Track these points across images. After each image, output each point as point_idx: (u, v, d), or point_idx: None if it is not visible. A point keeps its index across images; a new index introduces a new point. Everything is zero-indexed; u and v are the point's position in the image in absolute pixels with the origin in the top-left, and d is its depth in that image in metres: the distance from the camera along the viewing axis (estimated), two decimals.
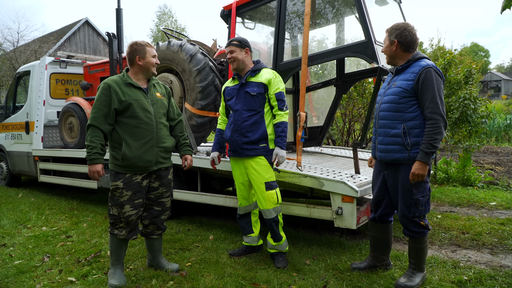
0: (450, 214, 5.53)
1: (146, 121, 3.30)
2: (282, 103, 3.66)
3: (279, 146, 3.61)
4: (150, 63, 3.37)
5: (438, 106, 2.90)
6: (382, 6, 4.85)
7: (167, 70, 5.55)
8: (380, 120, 3.20)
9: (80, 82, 7.99)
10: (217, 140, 4.04)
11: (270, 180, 3.70)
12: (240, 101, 3.73)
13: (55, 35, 26.60)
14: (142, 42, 3.40)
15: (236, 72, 3.82)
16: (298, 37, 5.67)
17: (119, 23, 6.81)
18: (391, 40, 3.11)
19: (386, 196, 3.32)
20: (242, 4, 4.92)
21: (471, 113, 7.36)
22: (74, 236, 4.82)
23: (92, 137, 3.17)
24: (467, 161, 7.82)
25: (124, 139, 3.25)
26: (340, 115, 8.76)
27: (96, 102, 3.22)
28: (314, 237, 4.62)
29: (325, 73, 7.89)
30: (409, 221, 3.13)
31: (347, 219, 3.72)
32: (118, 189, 3.27)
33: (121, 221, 3.30)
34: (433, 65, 2.98)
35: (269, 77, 3.67)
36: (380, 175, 3.33)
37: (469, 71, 7.70)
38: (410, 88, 2.99)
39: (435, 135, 2.89)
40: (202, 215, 5.80)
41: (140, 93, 3.34)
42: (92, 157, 3.15)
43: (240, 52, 3.73)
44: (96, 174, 3.18)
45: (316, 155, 5.77)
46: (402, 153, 3.04)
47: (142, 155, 3.28)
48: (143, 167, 3.32)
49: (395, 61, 3.18)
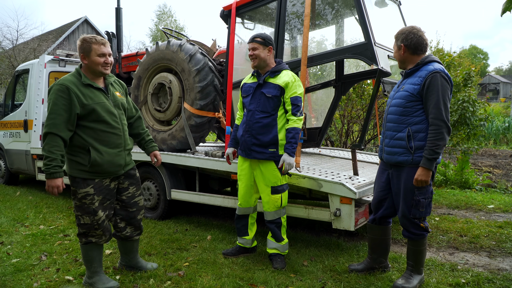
0: (448, 216, 5.54)
1: (114, 125, 3.12)
2: (296, 108, 3.55)
3: (287, 153, 3.53)
4: (95, 62, 3.05)
5: (441, 112, 2.90)
6: (381, 7, 4.86)
7: (166, 69, 5.54)
8: (387, 123, 3.23)
9: None
10: (233, 135, 3.96)
11: (277, 184, 3.66)
12: (254, 101, 3.66)
13: (54, 34, 26.56)
14: (89, 39, 3.05)
15: (257, 68, 3.72)
16: (297, 38, 5.67)
17: (118, 22, 6.81)
18: (399, 45, 3.15)
19: (389, 196, 3.31)
20: (242, 4, 4.92)
21: (469, 116, 7.37)
22: (72, 235, 4.81)
23: (51, 146, 2.87)
24: (465, 163, 7.83)
25: (91, 144, 3.02)
26: (338, 116, 8.76)
27: (52, 107, 2.91)
28: (312, 238, 4.62)
29: (324, 74, 7.88)
30: (409, 222, 3.13)
31: (345, 220, 3.72)
32: (89, 195, 3.05)
33: (95, 228, 3.11)
34: (441, 69, 2.95)
35: (287, 80, 3.57)
36: (384, 173, 3.33)
37: (468, 73, 7.71)
38: (417, 93, 3.00)
39: (438, 141, 2.89)
40: (200, 215, 5.79)
41: (101, 95, 3.11)
42: (51, 170, 2.87)
43: (263, 50, 3.62)
44: (55, 189, 2.92)
45: (315, 156, 5.77)
46: (405, 156, 3.06)
47: (113, 160, 3.13)
48: (114, 172, 3.18)
49: (405, 65, 3.21)
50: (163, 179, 5.35)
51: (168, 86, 5.36)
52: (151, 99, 5.62)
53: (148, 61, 5.59)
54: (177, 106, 5.36)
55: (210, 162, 4.74)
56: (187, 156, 5.01)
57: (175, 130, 5.33)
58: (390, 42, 3.91)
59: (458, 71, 8.09)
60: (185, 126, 5.14)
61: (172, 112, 5.44)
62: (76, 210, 3.11)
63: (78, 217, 3.12)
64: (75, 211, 3.14)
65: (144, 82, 5.72)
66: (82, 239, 3.17)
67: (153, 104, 5.61)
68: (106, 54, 3.09)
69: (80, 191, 3.05)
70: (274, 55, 3.77)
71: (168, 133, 5.41)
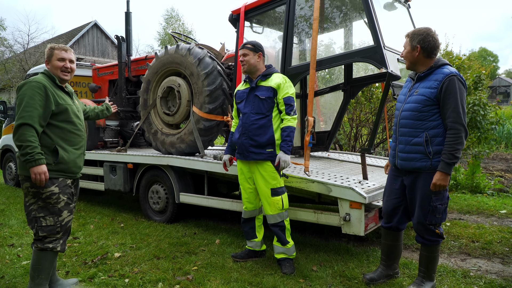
0: (459, 221, 5.47)
1: (79, 128, 3.22)
2: (290, 107, 3.67)
3: (282, 151, 3.61)
4: (55, 66, 3.13)
5: (460, 116, 2.85)
6: (390, 11, 4.82)
7: (175, 73, 5.56)
8: (401, 128, 3.14)
9: (88, 84, 8.04)
10: (230, 143, 4.05)
11: (276, 186, 3.70)
12: (249, 105, 3.75)
13: (64, 38, 26.83)
14: (53, 45, 3.20)
15: (247, 75, 3.83)
16: (306, 42, 5.66)
17: (128, 26, 6.86)
18: (413, 45, 3.04)
19: (403, 203, 3.25)
20: (250, 8, 4.92)
21: (480, 119, 7.28)
22: (81, 237, 4.83)
23: (29, 136, 2.85)
24: (476, 167, 7.74)
25: (57, 143, 3.04)
26: (347, 119, 8.72)
27: (28, 100, 2.91)
28: (321, 243, 4.59)
29: (332, 78, 7.85)
30: (424, 229, 3.08)
31: (355, 225, 3.69)
32: (54, 194, 3.00)
33: (57, 232, 3.03)
34: (457, 73, 2.92)
35: (278, 81, 3.69)
36: (397, 181, 3.26)
37: (479, 76, 7.63)
38: (434, 97, 2.94)
39: (457, 145, 2.85)
40: (209, 219, 5.79)
41: (69, 98, 3.22)
42: (36, 157, 2.84)
43: (253, 56, 3.77)
44: (43, 175, 2.88)
45: (323, 160, 5.74)
46: (424, 162, 2.99)
47: (76, 160, 3.18)
48: (75, 172, 3.20)
49: (416, 67, 3.13)
50: (171, 182, 5.35)
51: (177, 90, 5.37)
52: (160, 103, 5.63)
53: (157, 65, 5.62)
54: (186, 110, 5.37)
55: (218, 166, 4.73)
56: (195, 159, 5.01)
57: (183, 133, 5.33)
58: (399, 45, 3.88)
59: (468, 74, 8.02)
60: (194, 130, 5.14)
61: (181, 116, 5.45)
62: (38, 212, 2.99)
63: (39, 219, 2.99)
64: (35, 214, 3.00)
65: (153, 86, 5.74)
66: (38, 245, 3.03)
67: (162, 108, 5.62)
68: (66, 60, 3.17)
69: (45, 190, 2.97)
70: (264, 60, 3.88)
71: (177, 136, 5.41)
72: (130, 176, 6.01)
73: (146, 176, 5.78)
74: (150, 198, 5.72)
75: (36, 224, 3.02)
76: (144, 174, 5.80)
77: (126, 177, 5.99)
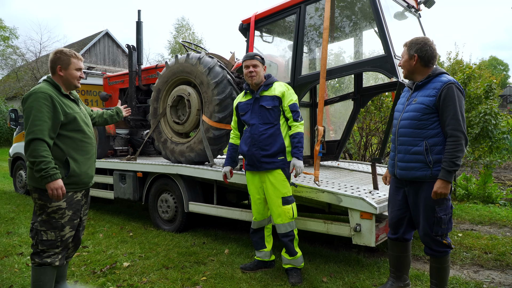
0: (471, 232, 5.39)
1: (89, 135, 3.15)
2: (296, 114, 3.71)
3: (296, 157, 3.62)
4: (72, 76, 3.07)
5: (459, 123, 2.84)
6: (401, 20, 4.81)
7: (185, 82, 5.58)
8: (400, 137, 3.12)
9: (99, 93, 8.11)
10: (230, 154, 4.08)
11: (287, 195, 3.69)
12: (255, 115, 3.75)
13: (76, 46, 27.21)
14: (68, 52, 3.08)
15: (253, 86, 3.83)
16: (316, 51, 5.66)
17: (139, 35, 6.92)
18: (411, 54, 3.05)
19: (407, 214, 3.22)
20: (260, 18, 4.94)
21: (492, 129, 7.21)
22: (90, 246, 4.84)
23: (42, 151, 2.77)
24: (488, 177, 7.64)
25: (70, 154, 2.98)
26: (357, 128, 8.68)
27: (36, 113, 2.82)
28: (331, 253, 4.54)
29: (342, 87, 7.84)
30: (431, 240, 3.04)
31: (365, 236, 3.64)
32: (61, 209, 2.95)
33: (56, 246, 2.96)
34: (455, 81, 2.92)
35: (282, 89, 3.73)
36: (399, 192, 3.24)
37: (490, 85, 7.57)
38: (432, 104, 2.93)
39: (457, 153, 2.82)
40: (218, 228, 5.77)
41: (76, 106, 3.13)
42: (51, 172, 2.77)
43: (261, 68, 3.82)
44: (60, 190, 2.81)
45: (333, 169, 5.70)
46: (424, 171, 2.97)
47: (88, 170, 3.13)
48: (87, 183, 3.14)
49: (413, 76, 3.12)
50: (181, 191, 5.35)
51: (187, 99, 5.39)
52: (170, 112, 5.65)
53: (167, 74, 5.65)
54: (195, 119, 5.38)
55: None
56: (205, 168, 5.01)
57: (193, 142, 5.34)
58: None
59: (478, 83, 7.96)
60: (203, 139, 5.15)
61: (190, 125, 5.46)
62: (41, 225, 2.93)
63: (40, 233, 2.93)
64: (36, 227, 2.95)
65: (163, 95, 5.77)
66: (36, 260, 2.96)
67: (171, 117, 5.64)
68: (81, 69, 3.15)
69: (52, 204, 2.91)
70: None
71: (187, 145, 5.42)
72: (140, 185, 6.02)
73: (155, 184, 5.79)
74: (159, 207, 5.72)
75: (37, 237, 2.95)
76: (154, 182, 5.81)
77: (135, 185, 6.00)
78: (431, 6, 4.89)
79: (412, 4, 4.82)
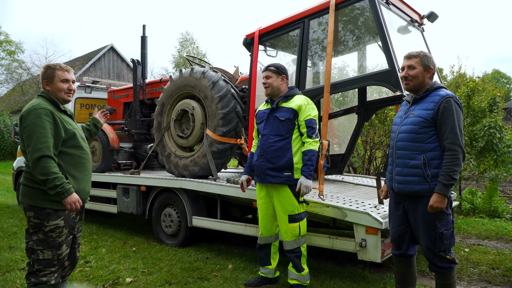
0: (478, 247, 5.32)
1: (87, 151, 3.11)
2: (311, 130, 3.58)
3: (304, 175, 3.52)
4: (58, 88, 2.97)
5: (457, 137, 2.83)
6: (404, 34, 4.83)
7: (189, 96, 5.60)
8: (398, 151, 3.09)
9: (104, 107, 8.14)
10: (248, 163, 4.01)
11: (294, 212, 3.61)
12: (268, 126, 3.70)
13: (81, 60, 27.47)
14: (53, 65, 3.00)
15: (269, 96, 3.80)
16: (320, 65, 5.68)
17: (143, 50, 6.98)
18: (427, 65, 3.02)
19: (408, 229, 3.17)
20: (265, 32, 4.98)
21: (497, 142, 7.18)
22: (93, 261, 4.80)
23: (52, 167, 2.76)
24: (494, 191, 7.57)
25: (69, 171, 2.92)
26: (361, 142, 8.65)
27: (40, 130, 2.78)
28: (336, 269, 4.48)
29: (346, 100, 7.84)
30: (435, 256, 3.00)
31: (371, 251, 3.59)
32: (58, 228, 2.88)
33: (53, 265, 2.90)
34: (453, 95, 2.93)
35: (300, 103, 3.62)
36: (399, 207, 3.19)
37: (494, 99, 7.55)
38: (430, 118, 2.92)
39: (454, 167, 2.80)
40: (221, 243, 5.72)
41: (73, 121, 3.09)
42: (66, 187, 2.77)
43: (276, 78, 3.72)
44: (78, 203, 2.83)
45: (338, 183, 5.67)
46: (422, 185, 2.93)
47: (85, 187, 3.07)
48: (84, 200, 3.06)
49: (421, 88, 3.08)
50: (184, 205, 5.32)
51: (191, 113, 5.40)
52: (174, 125, 5.66)
53: (171, 88, 5.67)
54: (199, 133, 5.38)
55: (232, 189, 4.69)
56: (209, 182, 4.98)
57: (197, 156, 5.33)
58: None
59: (482, 96, 7.94)
60: (207, 153, 5.14)
61: (194, 138, 5.46)
62: (37, 245, 2.86)
63: (37, 252, 2.86)
64: (32, 246, 2.87)
65: (167, 109, 5.79)
66: (31, 280, 2.89)
67: (175, 130, 5.65)
68: (70, 80, 3.02)
69: (50, 223, 2.85)
70: (287, 83, 3.82)
71: (190, 159, 5.41)
72: (143, 199, 6.00)
73: (159, 199, 5.76)
74: (162, 221, 5.69)
75: (33, 256, 2.89)
76: (157, 197, 5.79)
77: (139, 199, 5.98)
78: (434, 20, 4.91)
79: (415, 19, 4.85)
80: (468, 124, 7.56)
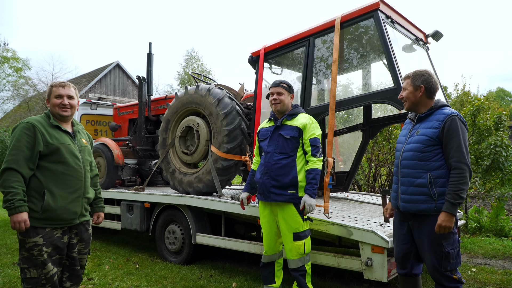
0: (485, 267, 5.24)
1: (76, 168, 2.99)
2: (316, 149, 3.59)
3: (308, 194, 3.51)
4: (53, 104, 3.01)
5: (464, 155, 2.81)
6: (409, 53, 4.86)
7: (194, 113, 5.62)
8: (403, 169, 3.07)
9: (109, 123, 8.19)
10: (249, 180, 3.99)
11: (298, 230, 3.58)
12: (273, 144, 3.69)
13: (87, 77, 27.73)
14: (53, 83, 3.09)
15: (277, 113, 3.78)
16: (325, 82, 5.71)
17: (149, 67, 7.05)
18: (417, 85, 3.03)
19: (413, 249, 3.12)
20: (270, 50, 5.02)
21: (503, 161, 7.14)
22: (96, 278, 4.76)
23: (12, 182, 2.72)
24: (500, 210, 7.49)
25: (47, 187, 2.85)
26: (365, 159, 8.63)
27: (15, 143, 2.80)
28: None
29: (351, 118, 7.85)
30: (441, 276, 2.95)
31: (377, 270, 3.55)
32: (37, 246, 2.80)
33: (42, 285, 2.82)
34: (458, 113, 2.92)
35: (305, 121, 3.63)
36: (403, 225, 3.15)
37: (499, 117, 7.54)
38: (436, 136, 2.91)
39: (461, 185, 2.78)
40: (225, 260, 5.66)
41: (67, 138, 3.02)
42: (16, 204, 2.69)
43: (287, 96, 3.74)
44: (22, 224, 2.71)
45: (343, 201, 5.63)
46: (428, 204, 2.90)
47: (68, 205, 2.93)
48: (67, 219, 2.94)
49: (417, 108, 3.09)
50: (188, 222, 5.30)
51: (196, 129, 5.42)
52: (179, 142, 5.68)
53: (177, 105, 5.70)
54: (204, 149, 5.39)
55: (236, 206, 4.67)
56: (213, 199, 4.97)
57: (201, 173, 5.33)
58: None
59: (488, 115, 7.93)
60: (212, 169, 5.14)
61: (199, 155, 5.47)
62: (23, 263, 2.83)
63: (24, 270, 2.83)
64: (20, 264, 2.86)
65: (172, 125, 5.81)
66: None
67: (180, 147, 5.66)
68: (64, 96, 3.02)
69: (29, 240, 2.81)
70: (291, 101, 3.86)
71: (195, 176, 5.41)
72: (147, 216, 5.97)
73: (163, 215, 5.74)
74: (166, 238, 5.65)
75: (21, 274, 2.86)
76: (161, 213, 5.77)
77: (143, 216, 5.96)
78: (439, 39, 4.94)
79: (420, 37, 4.89)
80: (474, 143, 7.54)
